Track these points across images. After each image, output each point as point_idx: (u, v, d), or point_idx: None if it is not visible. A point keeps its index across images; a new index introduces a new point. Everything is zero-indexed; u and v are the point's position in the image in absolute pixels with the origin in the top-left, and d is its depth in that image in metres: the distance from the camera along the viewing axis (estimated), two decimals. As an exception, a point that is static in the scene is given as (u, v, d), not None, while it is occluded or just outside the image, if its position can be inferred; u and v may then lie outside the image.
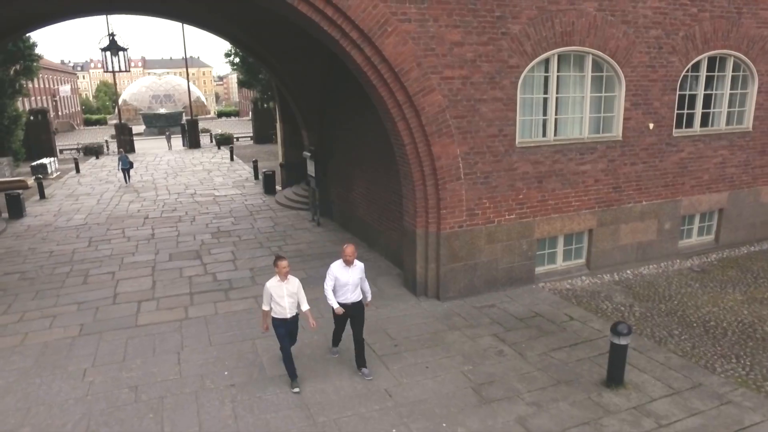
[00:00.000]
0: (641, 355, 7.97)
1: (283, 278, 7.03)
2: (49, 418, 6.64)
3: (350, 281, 7.38)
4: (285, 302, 7.04)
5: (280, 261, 6.99)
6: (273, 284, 7.04)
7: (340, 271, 7.37)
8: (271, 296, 7.04)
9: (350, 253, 7.36)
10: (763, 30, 11.95)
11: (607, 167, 11.08)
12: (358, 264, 7.52)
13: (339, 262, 7.44)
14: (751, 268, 11.84)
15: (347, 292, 7.41)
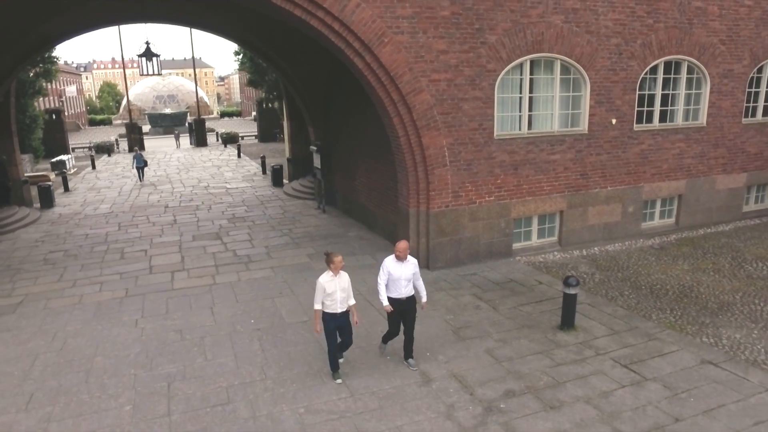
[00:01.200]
0: (593, 309, 9.71)
1: (336, 273, 7.04)
2: (115, 351, 8.39)
3: (403, 276, 7.42)
4: (337, 297, 7.06)
5: (334, 256, 6.98)
6: (326, 279, 7.02)
7: (393, 266, 7.41)
8: (324, 291, 7.02)
9: (403, 248, 7.39)
10: (712, 38, 13.68)
11: (575, 157, 12.82)
12: (411, 259, 7.56)
13: (392, 258, 7.46)
14: (703, 246, 13.57)
15: (400, 287, 7.43)
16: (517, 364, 7.75)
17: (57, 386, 7.39)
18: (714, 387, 7.10)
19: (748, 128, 15.15)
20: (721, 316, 9.37)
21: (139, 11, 15.05)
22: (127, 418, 6.61)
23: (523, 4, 11.27)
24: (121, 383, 7.42)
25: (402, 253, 7.37)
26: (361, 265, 12.17)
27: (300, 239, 14.58)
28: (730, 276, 11.31)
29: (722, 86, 14.33)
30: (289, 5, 9.55)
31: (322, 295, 7.00)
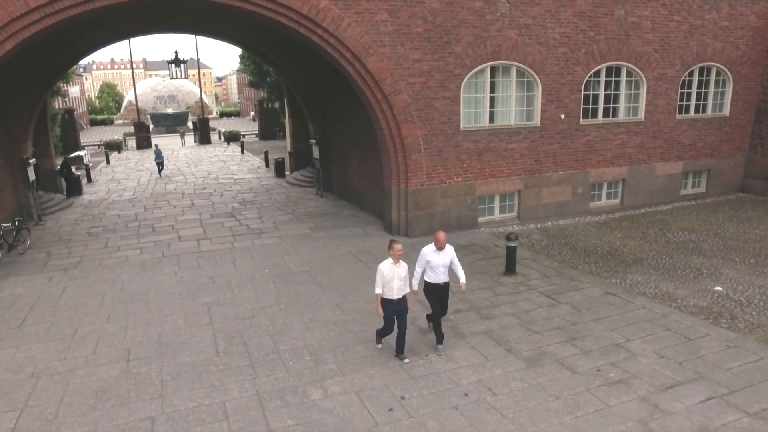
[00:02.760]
0: (534, 262, 12.38)
1: (396, 261, 7.42)
2: (163, 290, 11.03)
3: (441, 264, 7.93)
4: (395, 284, 7.41)
5: (395, 244, 7.37)
6: (386, 267, 7.39)
7: (432, 255, 7.91)
8: (383, 278, 7.39)
9: (443, 239, 7.87)
10: (647, 47, 16.37)
11: (529, 146, 15.50)
12: (448, 248, 8.04)
13: (431, 246, 7.94)
14: (640, 221, 16.24)
15: (439, 274, 7.96)
16: (467, 295, 10.41)
17: (125, 310, 10.03)
18: (607, 307, 9.78)
19: (682, 123, 17.85)
20: (633, 267, 12.04)
21: (168, 24, 17.69)
22: (182, 326, 9.26)
23: (483, 21, 13.95)
24: (172, 308, 10.07)
25: (441, 243, 7.87)
26: (353, 234, 14.84)
27: (302, 217, 17.24)
28: (651, 241, 14.00)
29: (657, 87, 17.02)
30: (296, 24, 12.20)
31: (381, 281, 7.37)
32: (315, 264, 12.38)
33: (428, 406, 6.76)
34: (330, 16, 12.16)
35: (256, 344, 8.51)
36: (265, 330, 9.03)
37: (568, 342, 8.44)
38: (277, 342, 8.58)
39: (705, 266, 11.94)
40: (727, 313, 9.44)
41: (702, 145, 18.48)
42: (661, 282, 11.05)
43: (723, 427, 6.27)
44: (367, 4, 12.51)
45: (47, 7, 10.49)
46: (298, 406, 6.83)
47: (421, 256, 7.97)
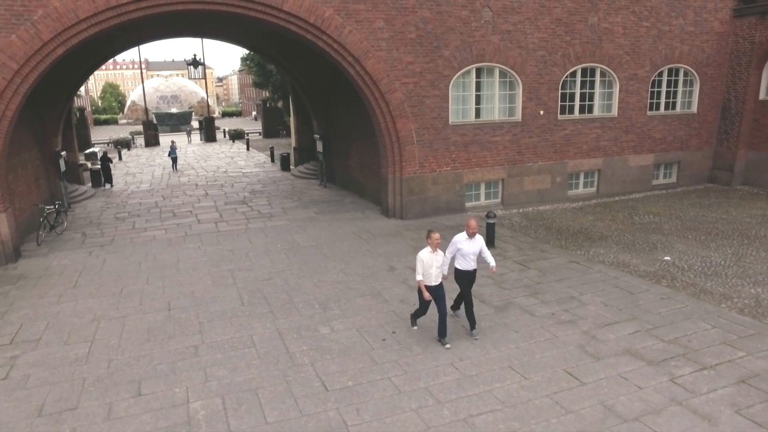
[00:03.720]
0: (512, 238, 14.17)
1: (434, 249, 7.83)
2: (190, 260, 12.83)
3: (472, 251, 8.25)
4: (432, 272, 7.86)
5: (433, 234, 7.77)
6: (426, 255, 7.83)
7: (463, 243, 8.23)
8: (423, 265, 7.83)
9: (474, 226, 8.17)
10: (619, 50, 18.16)
11: (512, 139, 17.30)
12: (479, 237, 8.37)
13: (462, 235, 8.26)
14: (613, 207, 18.03)
15: (470, 261, 8.26)
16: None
17: (160, 275, 11.84)
18: (569, 271, 11.58)
19: (653, 119, 19.65)
20: (598, 242, 13.84)
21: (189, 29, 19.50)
22: (211, 286, 11.07)
23: (469, 28, 15.75)
24: (200, 273, 11.88)
25: (473, 231, 8.16)
26: (353, 217, 16.65)
27: (307, 203, 19.05)
28: (619, 223, 15.80)
29: (629, 86, 18.82)
30: (304, 31, 14.00)
31: (422, 267, 7.85)
32: (320, 240, 14.20)
33: (414, 337, 8.57)
34: (334, 24, 13.97)
35: (273, 298, 10.32)
36: (281, 288, 10.84)
37: (531, 296, 10.26)
38: (291, 296, 10.39)
39: (661, 242, 13.74)
40: (669, 276, 11.25)
41: (672, 139, 20.27)
42: (620, 254, 12.85)
43: (642, 349, 8.07)
44: (366, 14, 14.32)
45: (92, 18, 12.29)
46: (310, 337, 8.64)
47: (453, 244, 8.27)
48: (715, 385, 7.04)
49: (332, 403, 6.82)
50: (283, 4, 13.28)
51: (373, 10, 14.40)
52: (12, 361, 8.10)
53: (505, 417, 6.44)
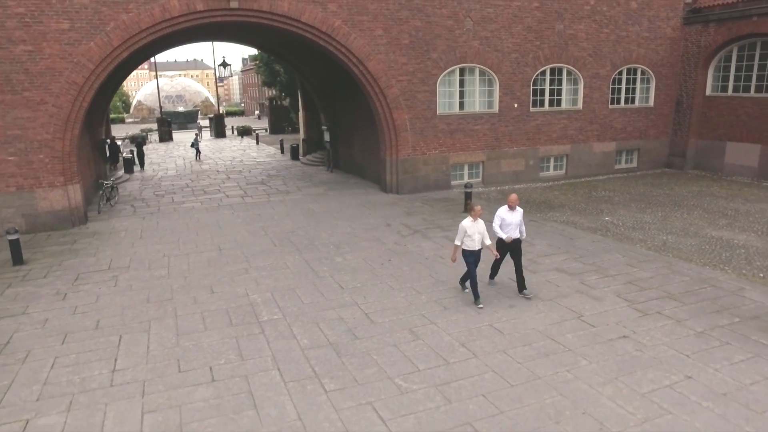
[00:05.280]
0: (487, 205, 17.37)
1: (475, 219, 8.67)
2: (227, 221, 16.06)
3: (513, 221, 9.21)
4: (475, 238, 8.72)
5: (475, 205, 8.74)
6: (468, 224, 8.71)
7: (506, 214, 9.25)
8: (465, 232, 8.68)
9: (514, 199, 9.04)
10: (582, 53, 21.40)
11: (490, 128, 20.54)
12: (519, 209, 9.29)
13: (505, 208, 9.25)
14: (577, 186, 21.25)
15: (511, 230, 9.24)
16: (435, 221, 15.48)
17: (206, 230, 15.06)
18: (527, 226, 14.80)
19: (614, 111, 22.89)
20: (557, 209, 17.07)
21: (214, 35, 22.74)
22: (248, 236, 14.30)
23: (453, 35, 18.99)
24: (237, 229, 15.12)
25: (513, 204, 9.11)
26: (357, 193, 19.91)
27: (317, 184, 22.32)
28: (578, 197, 19.03)
29: (593, 84, 22.05)
30: (316, 38, 17.23)
31: (462, 235, 8.77)
32: (331, 208, 17.45)
33: (405, 264, 11.81)
34: (342, 32, 17.21)
35: (298, 242, 13.58)
36: (303, 236, 14.10)
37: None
38: (311, 241, 13.65)
39: (607, 209, 16.98)
40: (604, 229, 14.49)
41: (632, 129, 23.51)
42: (571, 216, 16.08)
43: (567, 267, 11.30)
44: (368, 24, 17.56)
45: (151, 27, 15.50)
46: (328, 262, 11.90)
47: (497, 216, 9.34)
48: (609, 285, 10.29)
49: (347, 294, 10.07)
50: (301, 17, 16.52)
51: (373, 21, 17.64)
52: (115, 278, 11.34)
53: (465, 298, 9.70)
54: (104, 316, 9.38)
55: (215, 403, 6.61)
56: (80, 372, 7.47)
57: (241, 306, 9.64)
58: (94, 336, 8.59)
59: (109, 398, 6.81)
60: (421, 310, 9.27)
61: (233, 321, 9.01)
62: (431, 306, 9.45)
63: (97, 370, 7.53)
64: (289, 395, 6.75)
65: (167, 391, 6.91)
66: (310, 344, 8.11)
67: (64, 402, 6.75)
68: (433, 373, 7.20)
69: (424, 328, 8.58)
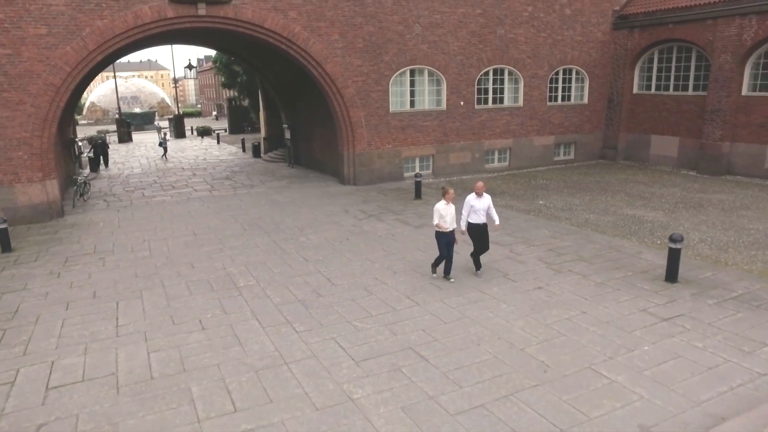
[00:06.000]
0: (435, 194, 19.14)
1: (448, 202, 9.66)
2: (198, 212, 17.45)
3: (481, 208, 9.96)
4: (447, 220, 9.68)
5: (448, 189, 9.63)
6: (441, 206, 9.70)
7: (474, 201, 10.02)
8: (440, 214, 9.66)
9: (481, 187, 9.90)
10: (522, 55, 23.50)
11: (439, 124, 22.43)
12: (486, 196, 10.06)
13: (473, 195, 10.07)
14: (519, 176, 23.32)
15: (480, 216, 10.03)
16: (388, 207, 17.22)
17: (179, 220, 16.42)
18: (470, 210, 16.67)
19: (552, 108, 25.10)
20: (497, 195, 19.00)
21: (181, 38, 23.96)
22: (219, 223, 15.77)
23: (404, 39, 20.79)
24: (209, 217, 16.54)
25: (480, 191, 9.92)
26: (317, 185, 21.52)
27: (280, 178, 23.82)
28: (518, 185, 21.07)
29: (532, 83, 24.19)
30: (278, 42, 18.76)
31: (438, 216, 9.81)
32: (294, 198, 19.03)
33: (361, 241, 13.50)
34: (302, 37, 18.80)
35: (265, 226, 15.13)
36: (269, 222, 15.65)
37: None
38: (277, 225, 15.23)
39: (542, 195, 19.05)
40: (537, 211, 16.49)
41: (569, 124, 25.78)
42: (510, 201, 18.07)
43: (499, 240, 13.19)
44: (326, 29, 19.20)
45: (125, 33, 16.77)
46: (294, 241, 13.51)
47: (466, 203, 10.10)
48: (533, 252, 12.22)
49: (311, 265, 11.73)
50: (264, 23, 18.04)
51: (330, 27, 19.29)
52: (102, 259, 12.70)
53: (412, 264, 11.47)
54: (99, 288, 10.78)
55: (207, 344, 8.18)
56: (88, 328, 8.91)
57: (219, 276, 11.18)
58: (93, 303, 10.01)
59: (118, 344, 8.30)
60: (374, 275, 11.00)
61: (214, 287, 10.56)
62: (383, 271, 11.19)
63: (103, 326, 8.98)
64: (267, 336, 8.37)
65: (166, 338, 8.44)
66: (282, 301, 9.75)
67: (80, 348, 8.20)
68: (383, 316, 8.94)
69: (377, 287, 10.31)
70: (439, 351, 7.74)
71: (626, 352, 7.61)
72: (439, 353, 7.67)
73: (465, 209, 10.18)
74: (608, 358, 7.48)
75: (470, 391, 6.71)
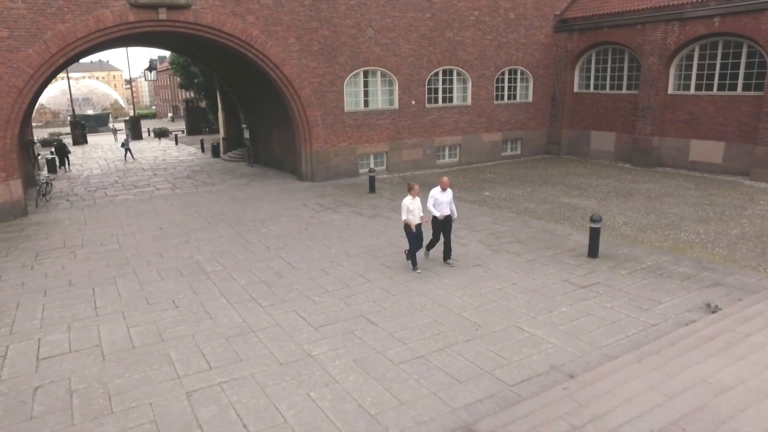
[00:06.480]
0: (389, 188, 20.43)
1: (413, 197, 10.27)
2: (162, 209, 18.20)
3: (445, 200, 10.57)
4: (415, 213, 10.27)
5: (414, 185, 10.32)
6: (408, 201, 10.35)
7: (438, 194, 10.61)
8: (407, 208, 10.21)
9: (446, 182, 10.56)
10: (470, 57, 24.91)
11: (392, 122, 23.64)
12: (449, 190, 10.74)
13: (437, 189, 10.71)
14: (468, 170, 24.72)
15: (444, 209, 10.62)
16: (344, 201, 18.33)
17: (145, 216, 17.17)
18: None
19: (499, 106, 26.61)
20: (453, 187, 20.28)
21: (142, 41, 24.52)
22: (184, 218, 16.58)
23: (357, 42, 21.92)
24: (173, 213, 17.32)
25: (444, 185, 10.61)
26: (276, 182, 22.46)
27: (240, 176, 24.64)
28: (467, 179, 22.44)
29: (479, 83, 25.64)
30: (237, 45, 19.63)
31: (405, 211, 10.40)
32: (254, 194, 19.94)
33: (318, 231, 14.57)
34: (260, 41, 19.73)
35: (228, 220, 16.03)
36: (232, 216, 16.56)
37: (392, 211, 16.52)
38: (240, 218, 16.16)
39: (488, 187, 20.45)
40: (482, 201, 17.85)
41: (515, 122, 27.35)
42: (458, 193, 19.34)
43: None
44: (283, 33, 20.17)
45: (86, 36, 17.40)
46: (256, 232, 14.48)
47: (431, 196, 10.76)
48: (475, 236, 13.52)
49: (273, 252, 12.75)
50: (223, 27, 18.91)
51: (287, 31, 20.27)
52: (73, 253, 13.42)
53: (365, 249, 12.61)
54: (74, 277, 11.56)
55: (181, 319, 9.15)
56: (68, 310, 9.74)
57: (188, 264, 12.10)
58: (70, 290, 10.80)
59: (99, 322, 9.18)
60: (331, 259, 12.10)
61: (184, 273, 11.48)
62: (339, 255, 12.31)
63: (82, 308, 9.82)
64: (235, 310, 9.39)
65: (143, 315, 9.36)
66: (247, 282, 10.76)
67: (63, 327, 9.05)
68: (338, 292, 10.06)
69: (333, 268, 11.43)
70: (387, 317, 8.90)
71: (546, 313, 8.93)
72: (387, 319, 8.84)
73: (429, 201, 10.78)
74: (531, 317, 8.78)
75: (412, 347, 7.89)
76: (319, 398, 6.64)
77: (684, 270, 10.86)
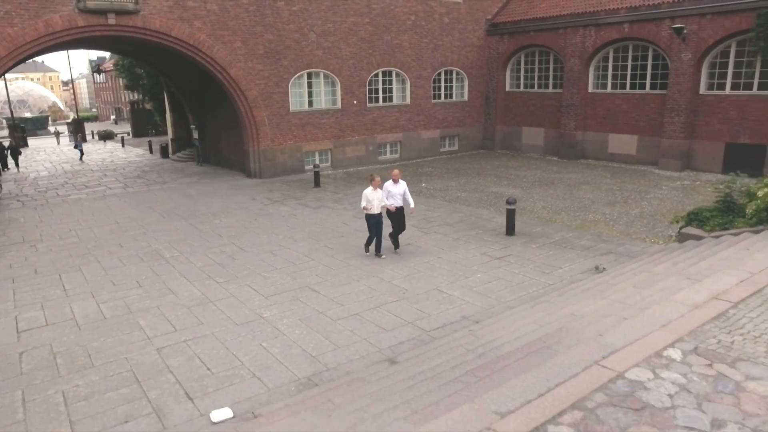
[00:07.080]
0: (333, 183, 21.81)
1: (375, 188, 11.16)
2: (117, 206, 19.06)
3: (397, 193, 11.49)
4: (375, 203, 11.15)
5: (376, 177, 11.25)
6: (369, 191, 11.24)
7: (391, 187, 11.53)
8: (367, 198, 11.13)
9: (397, 174, 11.57)
10: (407, 58, 26.54)
11: (335, 121, 25.03)
12: (402, 182, 11.59)
13: (390, 182, 11.58)
14: (409, 165, 26.30)
15: (396, 200, 11.52)
16: (291, 194, 19.63)
17: (101, 213, 18.02)
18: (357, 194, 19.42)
19: (436, 105, 28.37)
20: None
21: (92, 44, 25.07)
22: (138, 214, 17.53)
23: (300, 45, 23.20)
24: (128, 210, 18.22)
25: (396, 178, 11.55)
26: (226, 180, 23.52)
27: (190, 175, 25.53)
28: (407, 173, 23.94)
29: (418, 83, 27.31)
30: (185, 49, 20.62)
31: (365, 200, 11.28)
32: (205, 191, 20.99)
33: (267, 221, 15.85)
34: (207, 44, 20.78)
35: (182, 214, 17.10)
36: (185, 210, 17.62)
37: (335, 202, 17.94)
38: (193, 212, 17.25)
39: (426, 179, 22.11)
40: (418, 192, 19.41)
41: (452, 119, 29.17)
42: (398, 186, 20.92)
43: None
44: (229, 37, 21.28)
45: (36, 40, 18.10)
46: (209, 224, 15.64)
47: (384, 188, 11.57)
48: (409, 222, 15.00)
49: (225, 239, 13.98)
50: (171, 32, 19.88)
51: (233, 35, 21.39)
52: (34, 246, 14.26)
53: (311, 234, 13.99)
54: (39, 266, 12.48)
55: (146, 295, 10.33)
56: (39, 293, 10.74)
57: (147, 252, 13.20)
58: (37, 277, 11.76)
59: (70, 301, 10.25)
60: (279, 243, 13.45)
61: (144, 259, 12.59)
62: (286, 240, 13.66)
63: (52, 291, 10.84)
64: (194, 286, 10.63)
65: (110, 293, 10.49)
66: (204, 264, 11.99)
67: (36, 306, 10.08)
68: (286, 269, 11.44)
69: (280, 251, 12.78)
70: (328, 287, 10.34)
71: (464, 279, 10.56)
72: (328, 288, 10.28)
73: (383, 193, 11.64)
74: (450, 282, 10.39)
75: (349, 308, 9.36)
76: (270, 347, 8.02)
77: (585, 243, 12.72)
